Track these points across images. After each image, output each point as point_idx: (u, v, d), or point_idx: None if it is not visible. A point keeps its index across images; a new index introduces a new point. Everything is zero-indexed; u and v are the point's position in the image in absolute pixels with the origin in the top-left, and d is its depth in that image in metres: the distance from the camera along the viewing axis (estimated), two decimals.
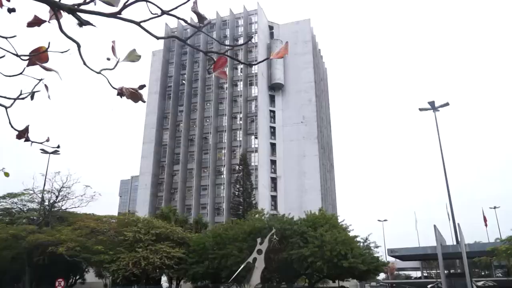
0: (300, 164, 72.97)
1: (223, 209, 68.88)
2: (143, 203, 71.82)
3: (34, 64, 2.14)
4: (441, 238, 32.06)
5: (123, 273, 30.53)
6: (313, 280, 35.94)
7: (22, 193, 35.89)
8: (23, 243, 30.93)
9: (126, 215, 45.40)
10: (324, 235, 29.29)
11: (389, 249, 35.67)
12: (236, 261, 30.55)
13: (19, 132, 2.41)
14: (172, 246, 32.84)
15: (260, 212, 36.39)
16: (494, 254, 30.78)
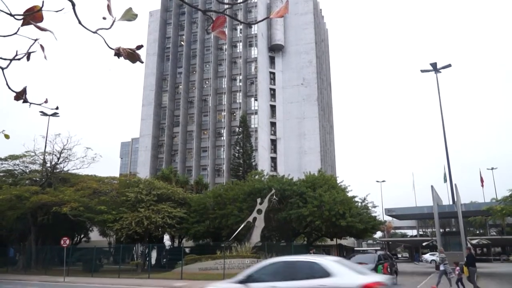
0: (300, 126, 73.02)
1: (223, 170, 69.59)
2: (143, 165, 72.48)
3: (28, 24, 2.11)
4: (438, 198, 32.64)
5: (126, 232, 31.29)
6: (311, 239, 36.92)
7: (23, 155, 36.09)
8: (27, 203, 31.46)
9: (127, 176, 46.00)
10: (323, 196, 29.77)
11: (386, 208, 36.35)
12: (236, 221, 31.24)
13: (17, 93, 2.42)
14: (173, 206, 33.46)
15: (260, 173, 36.78)
16: (489, 213, 31.36)
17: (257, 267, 9.02)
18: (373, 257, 18.16)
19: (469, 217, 41.92)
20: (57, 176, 36.84)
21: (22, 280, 26.84)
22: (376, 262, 17.53)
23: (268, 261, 9.30)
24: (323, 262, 8.33)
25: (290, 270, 8.58)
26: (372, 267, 16.83)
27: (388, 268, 18.04)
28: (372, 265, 17.09)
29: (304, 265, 8.65)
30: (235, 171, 54.63)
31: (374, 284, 7.44)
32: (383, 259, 18.39)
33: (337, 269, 7.99)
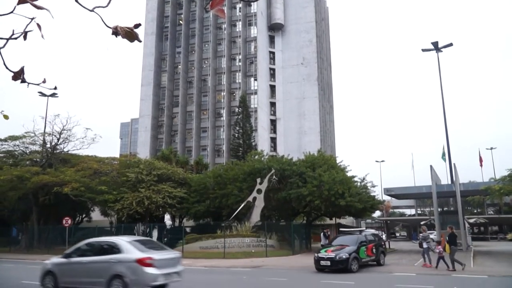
0: (300, 106, 72.82)
1: (223, 150, 69.76)
2: (143, 145, 72.60)
3: (24, 2, 2.10)
4: (437, 178, 32.80)
5: (127, 211, 31.58)
6: (310, 218, 37.28)
7: (23, 136, 36.09)
8: (28, 184, 31.64)
9: (127, 157, 46.13)
10: (322, 175, 29.91)
11: (385, 188, 36.52)
12: (236, 200, 31.49)
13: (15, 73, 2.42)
14: (173, 186, 33.67)
15: (259, 153, 36.87)
16: (487, 193, 31.55)
17: (76, 245, 12.12)
18: (356, 239, 17.69)
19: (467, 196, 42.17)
20: (58, 157, 36.94)
21: (25, 260, 27.25)
22: (358, 244, 17.07)
23: (84, 241, 12.07)
24: (118, 242, 10.88)
25: (97, 248, 11.35)
26: (354, 249, 16.64)
27: (374, 249, 17.86)
28: (353, 247, 16.79)
29: (106, 244, 11.29)
30: (235, 151, 54.74)
31: (145, 259, 9.99)
32: (367, 241, 17.86)
33: (126, 247, 10.53)
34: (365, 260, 17.23)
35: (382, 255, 18.49)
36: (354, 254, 16.66)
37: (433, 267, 18.13)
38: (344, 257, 16.27)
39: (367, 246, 17.46)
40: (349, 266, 16.07)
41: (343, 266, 16.09)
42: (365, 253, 17.18)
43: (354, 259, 16.50)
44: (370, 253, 17.50)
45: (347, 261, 16.17)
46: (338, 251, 16.71)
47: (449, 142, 37.46)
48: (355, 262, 16.49)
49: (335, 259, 16.24)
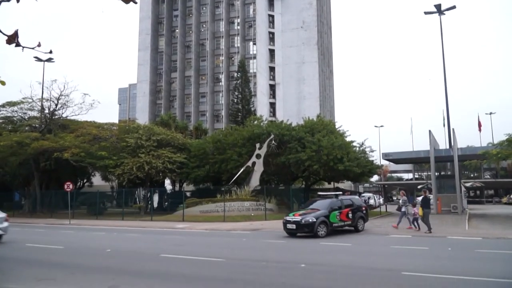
0: (299, 71, 72.02)
1: (222, 116, 69.61)
2: (142, 111, 72.34)
3: None
4: (435, 142, 32.96)
5: (127, 176, 31.88)
6: (309, 182, 37.73)
7: (21, 102, 35.86)
8: (28, 149, 31.75)
9: (126, 122, 46.07)
10: (321, 140, 30.02)
11: (384, 153, 36.76)
12: (235, 165, 31.75)
13: (9, 37, 2.39)
14: (173, 151, 33.82)
15: (258, 118, 36.81)
16: (485, 157, 31.80)
17: None
18: (328, 204, 17.09)
19: (464, 161, 42.40)
20: (56, 123, 36.88)
21: (29, 223, 27.78)
22: (329, 208, 16.69)
23: None
24: None
25: None
26: (324, 213, 16.42)
27: (350, 214, 17.38)
28: (324, 211, 16.56)
29: None
30: (234, 117, 54.65)
31: None
32: (342, 205, 17.31)
33: None
34: (337, 225, 16.89)
35: (361, 221, 17.91)
36: (323, 219, 16.28)
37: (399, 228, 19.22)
38: (311, 220, 15.94)
39: (341, 211, 17.03)
40: (315, 230, 15.79)
41: (308, 230, 15.88)
42: (337, 218, 16.79)
43: (322, 223, 16.14)
44: (344, 218, 17.09)
45: (313, 225, 15.83)
46: (305, 215, 16.50)
47: (448, 107, 37.37)
48: (322, 226, 16.14)
49: (300, 222, 16.03)
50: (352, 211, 17.61)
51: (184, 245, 14.58)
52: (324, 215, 16.49)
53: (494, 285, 7.46)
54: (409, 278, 8.16)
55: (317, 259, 11.03)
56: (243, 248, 13.67)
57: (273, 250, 13.19)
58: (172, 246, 14.33)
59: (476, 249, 12.67)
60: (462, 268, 9.35)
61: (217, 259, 10.98)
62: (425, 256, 11.48)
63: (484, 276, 8.26)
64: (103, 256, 12.28)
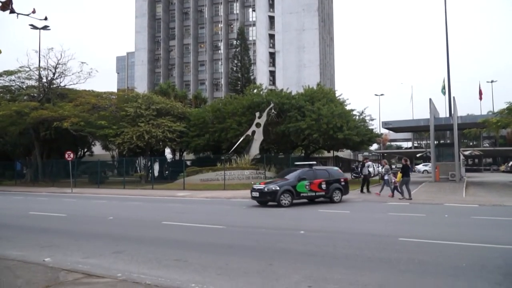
0: (299, 38, 70.87)
1: (221, 84, 69.06)
2: (141, 80, 71.70)
3: None
4: (435, 111, 32.84)
5: (128, 146, 31.98)
6: (309, 151, 37.87)
7: (18, 70, 35.47)
8: (28, 119, 31.69)
9: (125, 91, 45.73)
10: (321, 109, 29.91)
11: (383, 121, 36.67)
12: (235, 134, 31.79)
13: (3, 3, 2.35)
14: (173, 120, 33.77)
15: (258, 87, 36.52)
16: (484, 126, 31.76)
17: None
18: (297, 174, 16.83)
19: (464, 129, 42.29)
20: (55, 92, 36.63)
21: (31, 192, 28.09)
22: (297, 178, 16.49)
23: None
24: None
25: None
26: (291, 183, 16.30)
27: (324, 185, 16.91)
28: (291, 180, 16.47)
29: None
30: (233, 85, 54.23)
31: None
32: (315, 176, 16.92)
33: None
34: (306, 195, 16.67)
35: (337, 192, 17.35)
36: (287, 187, 16.10)
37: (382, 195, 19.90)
38: (274, 189, 15.88)
39: (312, 181, 16.69)
40: (278, 198, 15.76)
41: (271, 198, 15.89)
42: (306, 187, 16.51)
43: (285, 192, 15.98)
44: (316, 188, 16.78)
45: (275, 193, 15.78)
46: (271, 183, 16.58)
47: (449, 75, 37.03)
48: (286, 195, 15.99)
49: (263, 190, 16.06)
50: (327, 182, 17.12)
51: (185, 213, 14.81)
52: (290, 184, 16.29)
53: (489, 251, 7.63)
54: (405, 243, 8.34)
55: (316, 226, 11.23)
56: (243, 216, 13.89)
57: (273, 218, 13.41)
58: (173, 214, 14.55)
59: (473, 216, 12.88)
60: (458, 234, 9.54)
61: (217, 226, 11.18)
62: (422, 223, 11.69)
63: (479, 242, 8.45)
64: (106, 223, 12.50)
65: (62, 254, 7.88)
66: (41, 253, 7.95)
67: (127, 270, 6.47)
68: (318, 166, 19.02)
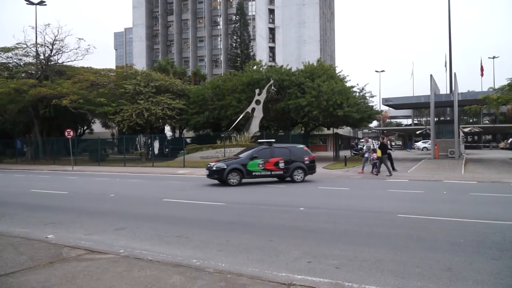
0: (300, 13, 69.78)
1: (220, 61, 68.39)
2: (139, 56, 70.95)
3: None
4: (436, 87, 32.64)
5: (127, 123, 31.93)
6: (308, 128, 37.87)
7: (15, 47, 35.03)
8: (26, 96, 31.52)
9: (124, 68, 45.31)
10: (321, 86, 29.72)
11: (384, 98, 36.50)
12: (235, 111, 31.70)
13: None
14: (172, 98, 33.61)
15: (258, 63, 36.20)
16: (485, 102, 31.65)
17: None
18: (250, 152, 16.59)
19: (464, 106, 42.30)
20: (53, 69, 36.30)
21: (32, 170, 28.22)
22: (249, 157, 16.25)
23: None
24: None
25: None
26: (241, 161, 16.15)
27: (281, 164, 16.50)
28: (243, 159, 16.32)
29: None
30: (233, 62, 53.74)
31: None
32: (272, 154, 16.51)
33: None
34: (259, 174, 16.33)
35: (299, 171, 16.77)
36: (236, 166, 15.97)
37: (365, 173, 20.32)
38: (221, 167, 15.85)
39: (267, 160, 16.34)
40: (225, 177, 15.68)
41: (218, 176, 15.88)
42: (259, 166, 16.16)
43: (233, 170, 15.84)
44: (272, 167, 16.38)
45: (222, 172, 15.72)
46: (222, 161, 16.67)
47: (451, 51, 36.65)
48: (234, 174, 15.84)
49: (212, 168, 16.08)
50: (286, 161, 16.63)
51: (185, 190, 14.92)
52: (240, 162, 16.13)
53: (486, 227, 7.72)
54: (404, 220, 8.43)
55: (315, 203, 11.34)
56: (243, 193, 14.00)
57: (273, 195, 13.52)
58: (173, 191, 14.66)
59: (471, 193, 12.98)
60: (457, 211, 9.63)
61: (218, 203, 11.28)
62: (420, 200, 11.78)
63: (478, 218, 8.54)
64: (107, 200, 12.61)
65: (65, 231, 7.97)
66: (44, 230, 8.04)
67: (129, 247, 6.56)
68: (280, 144, 18.31)
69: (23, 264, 5.53)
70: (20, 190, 15.72)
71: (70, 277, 4.95)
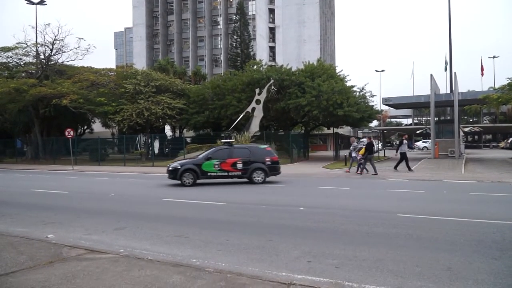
0: (300, 13, 69.76)
1: (221, 60, 68.39)
2: (139, 56, 70.95)
3: None
4: (436, 87, 32.64)
5: (127, 123, 31.94)
6: (309, 128, 37.86)
7: (15, 47, 35.06)
8: (26, 96, 31.53)
9: (124, 68, 45.32)
10: (321, 85, 29.70)
11: (384, 98, 36.50)
12: (235, 111, 31.69)
13: None
14: (172, 97, 33.61)
15: (258, 63, 36.18)
16: (485, 102, 31.65)
17: None
18: (206, 153, 16.66)
19: (465, 105, 42.23)
20: (53, 68, 36.32)
21: (32, 170, 28.22)
22: (204, 157, 16.29)
23: None
24: None
25: None
26: (196, 162, 16.20)
27: (239, 165, 16.20)
28: (198, 159, 16.42)
29: None
30: (233, 61, 53.72)
31: None
32: (231, 155, 16.31)
33: None
34: (214, 175, 16.21)
35: (259, 172, 16.32)
36: (190, 166, 16.00)
37: (351, 172, 20.57)
38: (176, 167, 16.04)
39: (224, 160, 16.15)
40: (178, 177, 15.82)
41: (173, 176, 16.00)
42: (215, 167, 16.08)
43: (187, 171, 15.87)
44: (229, 167, 16.19)
45: (176, 172, 15.87)
46: (178, 161, 16.81)
47: (451, 51, 36.64)
48: (188, 174, 15.86)
49: (168, 168, 16.40)
50: (245, 162, 16.27)
51: (185, 190, 14.92)
52: (195, 163, 16.19)
53: (486, 226, 7.72)
54: (404, 219, 8.43)
55: (315, 203, 11.34)
56: (243, 192, 14.00)
57: (273, 194, 13.52)
58: (173, 191, 14.66)
59: (471, 192, 12.98)
60: (456, 210, 9.63)
61: (218, 202, 11.28)
62: (420, 199, 11.78)
63: (477, 217, 8.54)
64: (107, 200, 12.61)
65: (65, 230, 7.98)
66: (44, 229, 8.04)
67: (129, 246, 6.56)
68: (241, 145, 18.12)
69: (23, 263, 5.53)
70: (20, 189, 15.73)
71: (70, 276, 4.95)
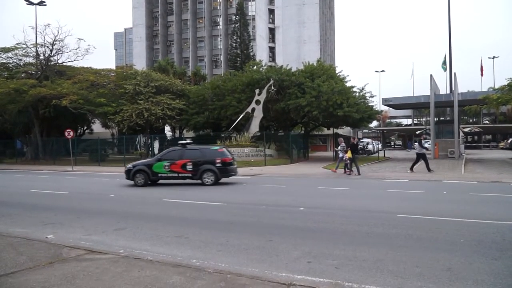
0: (300, 13, 69.80)
1: (220, 61, 68.41)
2: (139, 56, 70.96)
3: None
4: (436, 87, 32.65)
5: (127, 123, 31.94)
6: (308, 128, 37.86)
7: (15, 47, 35.05)
8: (26, 97, 31.51)
9: (124, 68, 45.35)
10: (321, 86, 29.71)
11: (384, 98, 36.52)
12: (235, 112, 31.70)
13: None
14: (172, 98, 33.62)
15: (258, 63, 36.20)
16: (485, 102, 31.65)
17: None
18: (159, 155, 16.80)
19: (464, 106, 42.17)
20: (52, 69, 36.31)
21: (32, 170, 28.21)
22: (155, 159, 16.44)
23: None
24: None
25: None
26: (146, 163, 16.45)
27: (190, 166, 15.92)
28: (149, 160, 16.81)
29: None
30: (232, 62, 53.74)
31: None
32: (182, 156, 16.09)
33: None
34: (165, 176, 16.17)
35: (209, 174, 15.99)
36: (141, 167, 16.20)
37: (338, 173, 20.62)
38: (129, 168, 16.50)
39: (174, 161, 15.99)
40: (131, 177, 16.21)
41: (127, 176, 16.42)
42: (165, 168, 16.00)
43: (138, 171, 16.09)
44: (178, 169, 16.02)
45: (128, 173, 16.34)
46: (133, 162, 17.17)
47: (451, 51, 36.67)
48: (139, 175, 16.07)
49: (125, 169, 16.90)
50: (195, 163, 15.99)
51: (186, 190, 14.91)
52: (146, 164, 16.48)
53: (486, 227, 7.72)
54: (404, 220, 8.43)
55: (315, 203, 11.33)
56: (243, 193, 13.99)
57: (273, 195, 13.51)
58: (173, 191, 14.65)
59: (471, 193, 12.97)
60: (456, 211, 9.62)
61: (217, 203, 11.28)
62: (420, 199, 11.77)
63: (477, 218, 8.53)
64: (107, 200, 12.61)
65: (65, 231, 7.97)
66: (43, 230, 8.04)
67: (129, 247, 6.56)
68: (194, 146, 17.92)
69: (22, 264, 5.53)
70: (20, 190, 15.72)
71: (70, 277, 4.95)
